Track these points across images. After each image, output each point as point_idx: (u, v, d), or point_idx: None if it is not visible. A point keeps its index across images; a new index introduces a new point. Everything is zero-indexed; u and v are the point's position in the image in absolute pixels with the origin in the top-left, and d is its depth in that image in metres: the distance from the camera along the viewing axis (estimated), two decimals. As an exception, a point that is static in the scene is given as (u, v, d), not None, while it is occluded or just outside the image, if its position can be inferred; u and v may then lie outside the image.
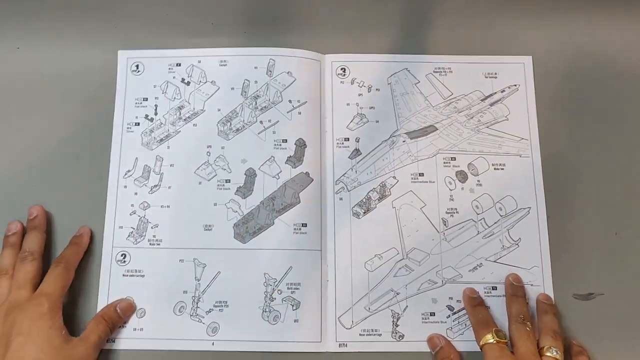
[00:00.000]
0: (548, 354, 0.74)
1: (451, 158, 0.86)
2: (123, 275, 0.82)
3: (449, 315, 0.81)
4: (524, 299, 0.80)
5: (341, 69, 0.89)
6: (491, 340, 0.75)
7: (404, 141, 0.87)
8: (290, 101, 0.87)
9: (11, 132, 0.87)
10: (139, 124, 0.87)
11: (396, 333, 0.80)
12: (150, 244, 0.82)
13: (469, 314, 0.80)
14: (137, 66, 0.89)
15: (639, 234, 0.84)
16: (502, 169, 0.86)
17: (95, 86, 0.88)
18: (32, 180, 0.85)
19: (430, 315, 0.81)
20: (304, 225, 0.83)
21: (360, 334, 0.80)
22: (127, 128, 0.86)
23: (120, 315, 0.79)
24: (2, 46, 0.90)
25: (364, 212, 0.84)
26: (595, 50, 0.91)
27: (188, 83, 0.88)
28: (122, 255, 0.82)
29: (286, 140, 0.86)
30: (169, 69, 0.89)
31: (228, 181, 0.84)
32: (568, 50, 0.91)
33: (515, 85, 0.89)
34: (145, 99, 0.88)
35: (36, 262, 0.77)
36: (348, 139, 0.87)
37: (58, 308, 0.74)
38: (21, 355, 0.69)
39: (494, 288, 0.82)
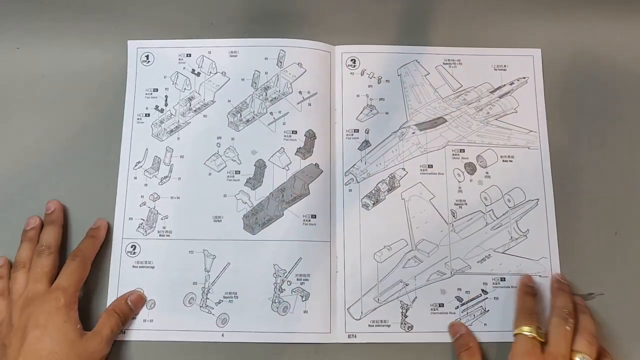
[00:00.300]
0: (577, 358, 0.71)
1: (460, 150, 0.85)
2: (133, 266, 0.80)
3: (458, 306, 0.80)
4: (570, 295, 0.78)
5: (351, 60, 0.88)
6: (527, 333, 0.73)
7: (413, 133, 0.85)
8: (300, 92, 0.86)
9: (17, 131, 0.85)
10: (149, 114, 0.85)
11: (405, 324, 0.79)
12: (160, 235, 0.81)
13: (517, 298, 0.79)
14: (147, 56, 0.87)
15: (639, 234, 0.83)
16: (510, 161, 0.85)
17: (97, 84, 0.87)
18: (42, 175, 0.84)
19: (439, 306, 0.80)
20: (314, 216, 0.81)
21: (369, 325, 0.79)
22: (138, 119, 0.85)
23: (131, 307, 0.78)
24: (2, 46, 0.88)
25: (373, 204, 0.83)
26: (602, 45, 0.90)
27: (198, 74, 0.87)
28: (132, 247, 0.81)
29: (296, 131, 0.84)
30: (179, 59, 0.87)
31: (238, 172, 0.83)
32: (577, 43, 0.90)
33: (524, 78, 0.88)
34: (156, 90, 0.86)
35: (52, 256, 0.77)
36: (357, 130, 0.86)
37: (74, 302, 0.73)
38: (37, 348, 0.68)
39: (502, 279, 0.81)
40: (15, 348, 0.69)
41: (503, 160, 0.85)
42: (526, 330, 0.73)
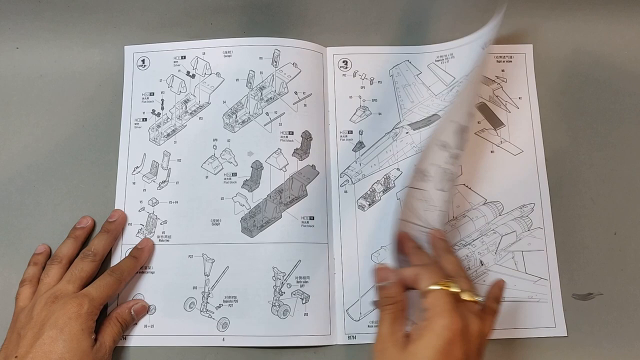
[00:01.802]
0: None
1: (454, 149, 0.80)
2: (133, 272, 0.76)
3: (454, 305, 0.75)
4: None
5: (343, 62, 0.83)
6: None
7: (407, 132, 0.80)
8: (296, 93, 0.80)
9: (17, 131, 0.81)
10: (146, 119, 0.80)
11: (404, 323, 0.74)
12: (159, 240, 0.76)
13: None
14: (143, 61, 0.82)
15: (639, 234, 0.79)
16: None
17: (95, 85, 0.83)
18: (42, 175, 0.79)
19: (436, 304, 0.75)
20: (312, 218, 0.76)
21: (369, 326, 0.75)
22: (135, 124, 0.80)
23: (133, 317, 0.73)
24: (1, 46, 0.84)
25: (369, 205, 0.78)
26: (602, 45, 0.85)
27: (193, 76, 0.81)
28: (132, 253, 0.76)
29: (292, 132, 0.79)
30: (174, 62, 0.82)
31: (234, 174, 0.78)
32: (576, 43, 0.85)
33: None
34: (152, 94, 0.81)
35: (95, 264, 0.73)
36: (351, 131, 0.81)
37: (95, 313, 0.69)
38: (49, 350, 0.64)
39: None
40: (28, 342, 0.65)
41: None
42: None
